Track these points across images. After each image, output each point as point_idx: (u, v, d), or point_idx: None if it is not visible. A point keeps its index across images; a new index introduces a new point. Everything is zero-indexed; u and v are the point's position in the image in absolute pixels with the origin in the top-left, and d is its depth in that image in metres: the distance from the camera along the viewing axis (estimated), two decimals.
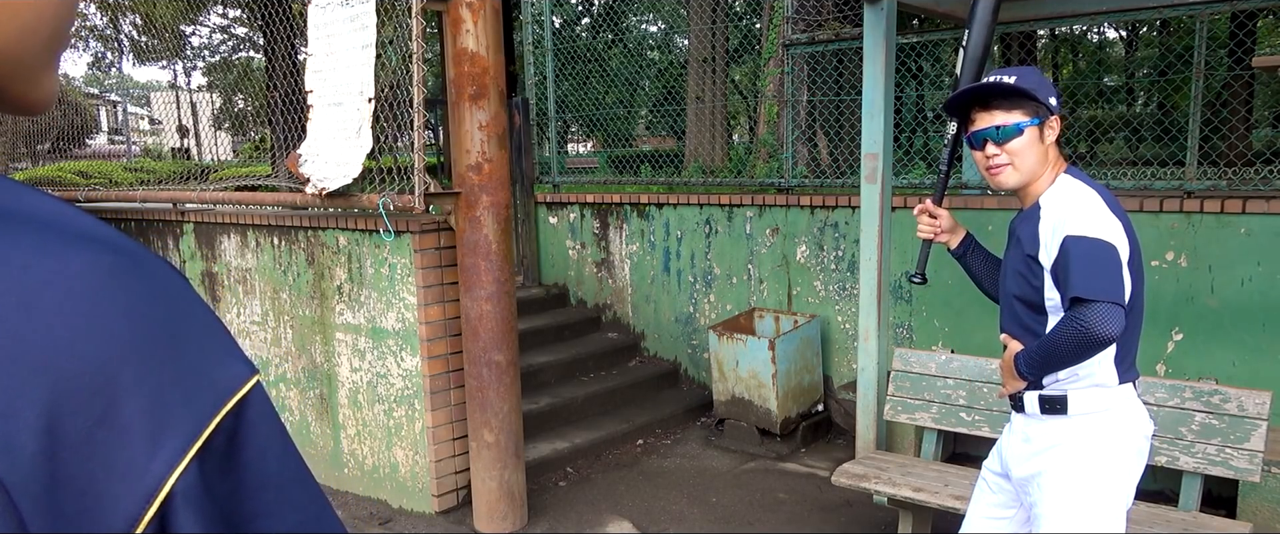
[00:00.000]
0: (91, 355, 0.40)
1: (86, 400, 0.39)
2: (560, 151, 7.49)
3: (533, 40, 6.94)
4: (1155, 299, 4.23)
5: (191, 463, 0.42)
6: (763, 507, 4.26)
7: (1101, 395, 2.09)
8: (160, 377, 0.42)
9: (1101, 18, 5.09)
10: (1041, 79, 2.12)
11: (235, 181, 5.75)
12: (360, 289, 4.28)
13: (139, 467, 0.40)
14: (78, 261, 0.41)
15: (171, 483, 0.41)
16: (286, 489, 0.47)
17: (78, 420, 0.39)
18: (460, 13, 3.61)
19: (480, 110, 3.68)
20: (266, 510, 0.46)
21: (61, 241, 0.41)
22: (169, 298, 0.44)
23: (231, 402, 0.44)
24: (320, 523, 0.49)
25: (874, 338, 4.11)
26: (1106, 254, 1.94)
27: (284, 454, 0.47)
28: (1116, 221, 2.01)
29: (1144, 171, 5.10)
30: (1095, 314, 1.88)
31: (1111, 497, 2.09)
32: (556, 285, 6.65)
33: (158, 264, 0.45)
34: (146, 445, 0.41)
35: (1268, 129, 13.43)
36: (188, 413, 0.42)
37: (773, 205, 5.53)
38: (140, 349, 0.41)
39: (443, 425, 4.10)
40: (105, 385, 0.40)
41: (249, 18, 14.95)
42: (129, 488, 0.40)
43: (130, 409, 0.40)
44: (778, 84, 6.34)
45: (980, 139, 2.13)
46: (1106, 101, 14.53)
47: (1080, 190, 2.06)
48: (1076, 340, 1.93)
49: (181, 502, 0.41)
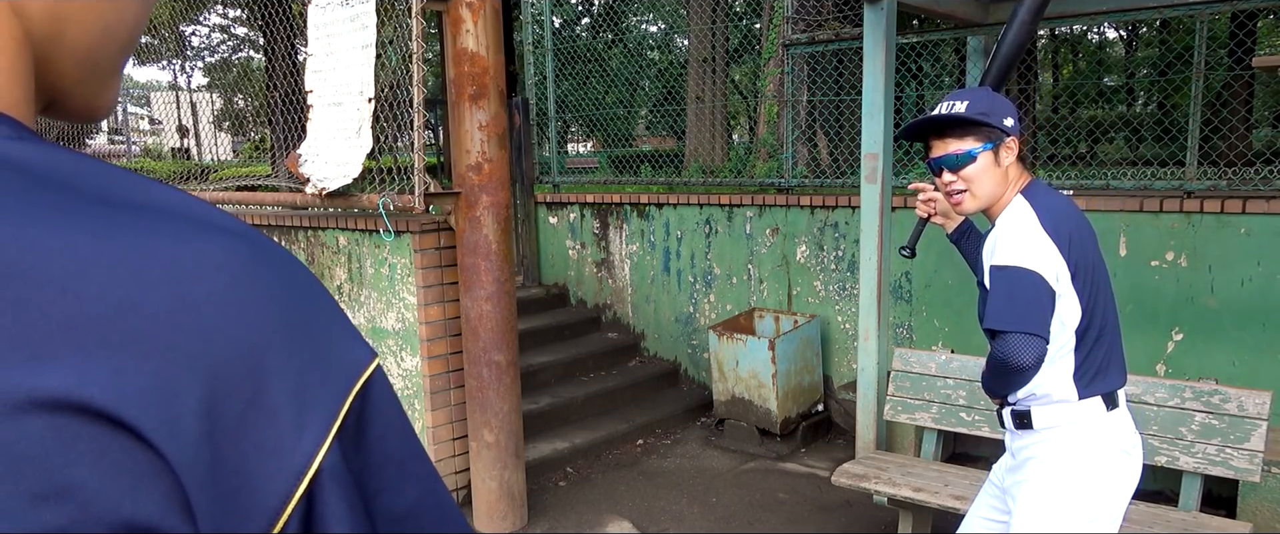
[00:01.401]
0: (242, 340, 0.42)
1: (239, 383, 0.41)
2: (560, 151, 7.49)
3: (533, 40, 6.95)
4: (1155, 299, 4.23)
5: (333, 441, 0.44)
6: (763, 507, 4.26)
7: (1061, 410, 2.12)
8: (302, 359, 0.44)
9: (1101, 18, 5.08)
10: (995, 101, 2.13)
11: (235, 181, 5.75)
12: (360, 289, 4.28)
13: (288, 446, 0.42)
14: (217, 250, 0.42)
15: (319, 460, 0.43)
16: (407, 465, 0.49)
17: (232, 403, 0.41)
18: (460, 13, 3.61)
19: (480, 110, 3.68)
20: (390, 485, 0.48)
21: (197, 231, 0.43)
22: (301, 284, 0.46)
23: (360, 382, 0.46)
24: (436, 495, 0.51)
25: (874, 338, 4.11)
26: (1023, 284, 1.97)
27: (404, 432, 0.49)
28: (1049, 246, 2.01)
29: (1144, 171, 5.10)
30: (1008, 345, 1.94)
31: (1082, 509, 2.09)
32: (556, 285, 6.65)
33: (284, 252, 0.47)
34: (294, 425, 0.42)
35: (1268, 129, 13.43)
36: (327, 393, 0.44)
37: (773, 205, 5.53)
38: (283, 333, 0.43)
39: (443, 425, 4.11)
40: (255, 368, 0.42)
41: (249, 18, 14.95)
42: (280, 466, 0.42)
43: (277, 391, 0.42)
44: (778, 84, 6.34)
45: (937, 167, 2.17)
46: (1106, 101, 14.54)
47: (1020, 214, 2.07)
48: (995, 370, 2.00)
49: (328, 478, 0.43)
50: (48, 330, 0.38)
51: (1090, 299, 2.05)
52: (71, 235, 0.39)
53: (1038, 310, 1.96)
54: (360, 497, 0.46)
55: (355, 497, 0.45)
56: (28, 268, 0.38)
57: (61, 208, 0.40)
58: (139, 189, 0.44)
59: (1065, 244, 2.01)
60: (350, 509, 0.45)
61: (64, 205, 0.40)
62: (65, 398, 0.37)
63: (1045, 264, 1.99)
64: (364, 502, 0.46)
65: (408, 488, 0.49)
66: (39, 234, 0.39)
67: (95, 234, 0.40)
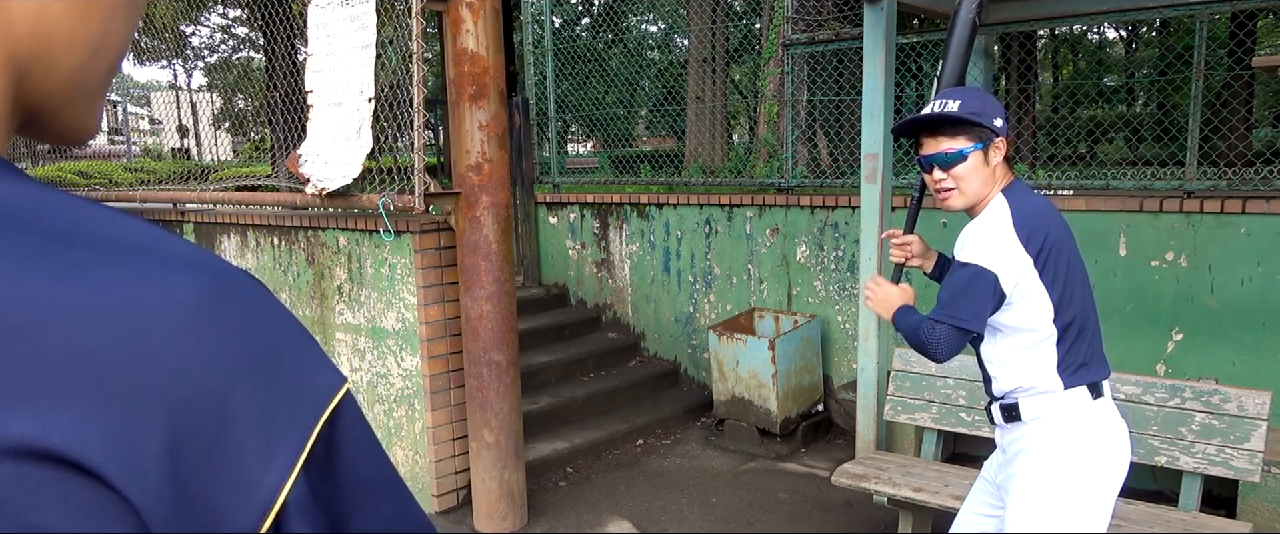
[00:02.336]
0: (205, 380, 0.42)
1: (203, 424, 0.41)
2: (560, 151, 7.49)
3: (533, 40, 6.94)
4: (1155, 299, 4.23)
5: (300, 473, 0.44)
6: (763, 507, 4.26)
7: (1048, 401, 2.17)
8: (267, 393, 0.44)
9: (1101, 18, 5.08)
10: (986, 101, 2.19)
11: (235, 181, 5.76)
12: (360, 289, 4.29)
13: (254, 482, 0.42)
14: (180, 288, 0.42)
15: (285, 494, 0.43)
16: (378, 488, 0.49)
17: (196, 443, 0.41)
18: (460, 13, 3.61)
19: (480, 110, 3.68)
20: (361, 508, 0.48)
21: (162, 269, 0.43)
22: (267, 316, 0.46)
23: (328, 409, 0.46)
24: (409, 516, 0.52)
25: (874, 338, 4.11)
26: (973, 282, 2.10)
27: (375, 455, 0.50)
28: (1012, 244, 2.09)
29: (1144, 171, 5.10)
30: (937, 334, 2.15)
31: (1074, 498, 2.14)
32: (556, 285, 6.65)
33: (251, 283, 0.47)
34: (260, 461, 0.43)
35: (1268, 129, 13.43)
36: (293, 425, 0.44)
37: (773, 205, 5.53)
38: (247, 367, 0.43)
39: (443, 425, 4.10)
40: (219, 407, 0.42)
41: (249, 18, 14.96)
42: (246, 502, 0.42)
43: (243, 427, 0.42)
44: (778, 84, 6.34)
45: (928, 164, 2.23)
46: (1106, 101, 14.54)
47: (995, 213, 2.15)
48: (918, 343, 2.21)
49: (294, 510, 0.44)
50: (9, 378, 0.38)
51: (1064, 294, 2.12)
52: (30, 279, 0.39)
53: (979, 307, 2.11)
54: (329, 524, 0.46)
55: (322, 523, 0.45)
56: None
57: (20, 249, 0.40)
58: (102, 223, 0.44)
59: (1038, 244, 2.09)
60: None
61: (23, 246, 0.40)
62: (29, 446, 0.37)
63: (1004, 265, 2.09)
64: (336, 527, 0.47)
65: (380, 510, 0.49)
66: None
67: (53, 277, 0.40)
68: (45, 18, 0.45)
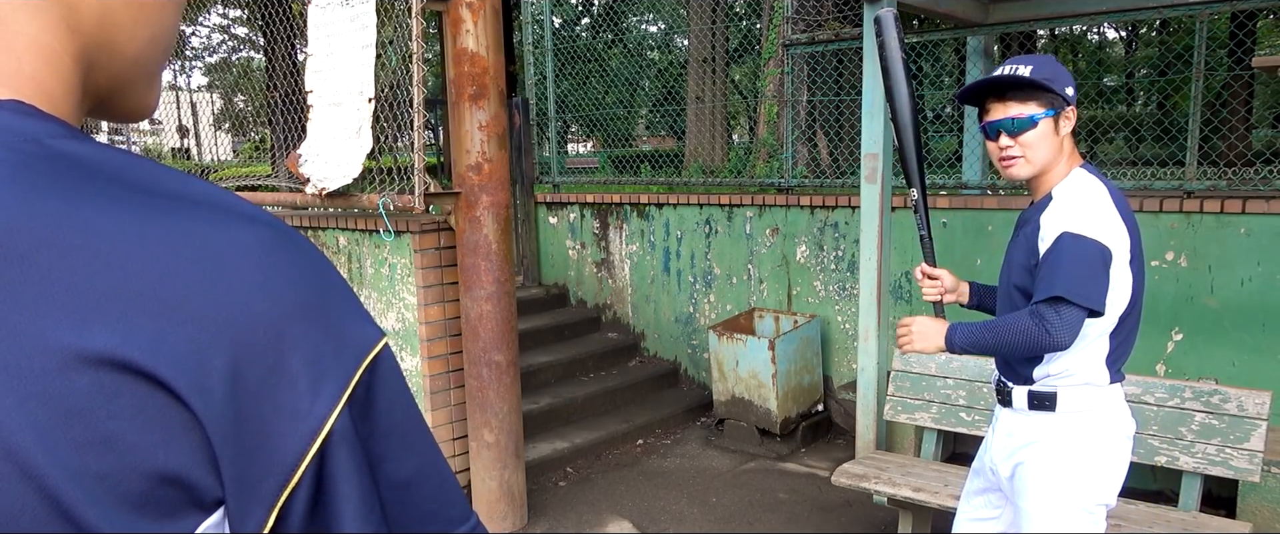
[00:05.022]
0: (264, 314, 0.47)
1: (262, 352, 0.46)
2: (560, 151, 7.48)
3: (533, 40, 6.94)
4: (1155, 299, 4.23)
5: (344, 408, 0.49)
6: (763, 507, 4.26)
7: (1091, 394, 2.08)
8: (318, 333, 0.49)
9: (1101, 18, 5.08)
10: (1058, 68, 2.08)
11: (235, 182, 5.75)
12: (360, 289, 4.29)
13: (304, 408, 0.47)
14: (248, 235, 0.48)
15: (331, 423, 0.48)
16: (409, 436, 0.54)
17: (255, 368, 0.46)
18: (460, 13, 3.61)
19: (480, 110, 3.68)
20: (393, 454, 0.53)
21: (231, 218, 0.48)
22: (318, 268, 0.51)
23: (370, 357, 0.51)
24: (437, 467, 0.56)
25: (874, 338, 4.11)
26: (1098, 257, 1.94)
27: (408, 406, 0.54)
28: (1120, 224, 2.00)
29: (1144, 171, 5.10)
30: (1062, 319, 1.91)
31: (1093, 495, 2.09)
32: (556, 285, 6.65)
33: (305, 240, 0.52)
34: (310, 391, 0.48)
35: (1268, 129, 13.43)
36: (339, 365, 0.49)
37: (773, 205, 5.53)
38: (301, 310, 0.48)
39: (443, 425, 4.10)
40: (276, 339, 0.47)
41: (249, 18, 14.95)
42: (296, 426, 0.47)
43: (295, 360, 0.47)
44: (778, 84, 6.34)
45: (995, 130, 2.09)
46: (1106, 101, 14.53)
47: (1091, 186, 2.03)
48: (1031, 337, 1.95)
49: (339, 438, 0.48)
50: (96, 298, 0.43)
51: (1138, 283, 2.04)
52: (119, 217, 0.45)
53: (1103, 288, 1.93)
54: (367, 461, 0.50)
55: (363, 459, 0.50)
56: (81, 244, 0.43)
57: (111, 195, 0.46)
58: (178, 181, 0.49)
59: (1132, 227, 2.00)
60: (358, 470, 0.49)
61: (113, 193, 0.46)
62: (109, 356, 0.42)
63: (1116, 242, 1.96)
64: (372, 467, 0.51)
65: (410, 458, 0.54)
66: (91, 216, 0.44)
67: (139, 217, 0.45)
68: (109, 12, 0.52)
